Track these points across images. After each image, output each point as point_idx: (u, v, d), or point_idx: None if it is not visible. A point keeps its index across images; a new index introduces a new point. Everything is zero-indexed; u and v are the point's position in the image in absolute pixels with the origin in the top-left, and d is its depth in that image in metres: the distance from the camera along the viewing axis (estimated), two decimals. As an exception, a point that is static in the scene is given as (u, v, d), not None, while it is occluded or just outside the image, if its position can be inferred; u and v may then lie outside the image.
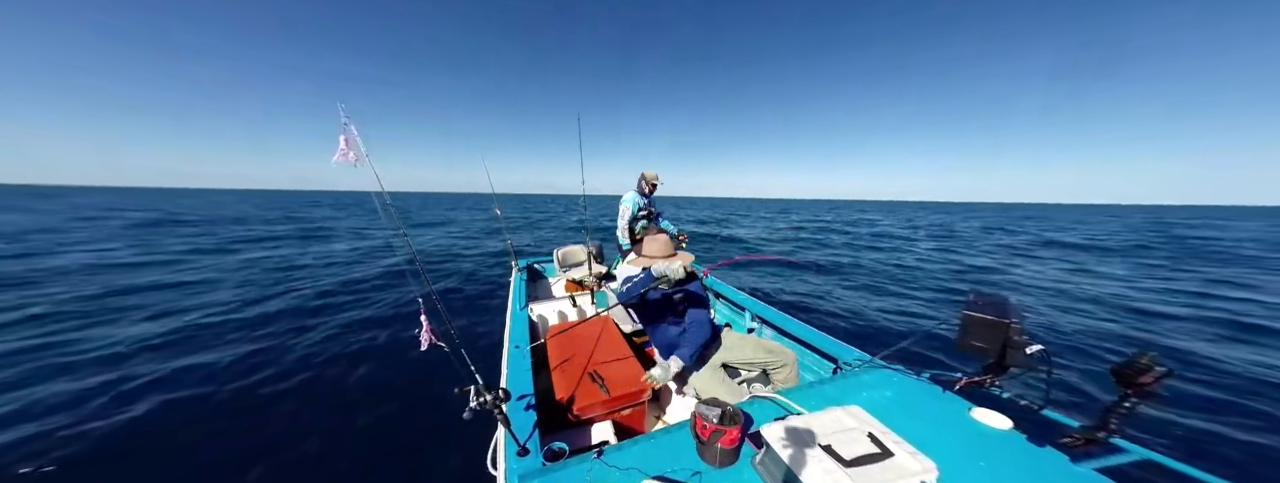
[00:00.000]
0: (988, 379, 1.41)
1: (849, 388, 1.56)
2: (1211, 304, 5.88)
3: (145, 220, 18.45)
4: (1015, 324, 1.26)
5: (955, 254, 11.16)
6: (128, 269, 8.13)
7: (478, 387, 1.22)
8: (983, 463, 1.15)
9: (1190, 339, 4.33)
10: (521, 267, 4.21)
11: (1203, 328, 4.78)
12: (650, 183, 3.75)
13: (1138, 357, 1.07)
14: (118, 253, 9.83)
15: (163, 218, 20.00)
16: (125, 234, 13.38)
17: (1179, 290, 6.82)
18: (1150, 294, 6.55)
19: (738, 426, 1.17)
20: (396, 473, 2.66)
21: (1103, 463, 1.12)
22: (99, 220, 17.74)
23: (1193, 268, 9.06)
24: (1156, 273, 8.53)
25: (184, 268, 8.49)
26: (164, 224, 17.10)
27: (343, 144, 1.25)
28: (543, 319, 3.14)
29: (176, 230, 14.74)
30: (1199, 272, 8.60)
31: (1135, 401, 1.08)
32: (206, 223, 17.96)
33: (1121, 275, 8.21)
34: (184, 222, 18.20)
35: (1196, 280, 7.63)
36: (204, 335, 4.93)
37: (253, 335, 5.03)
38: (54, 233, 12.94)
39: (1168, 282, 7.53)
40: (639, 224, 3.80)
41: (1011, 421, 1.30)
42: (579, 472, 1.18)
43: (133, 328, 5.03)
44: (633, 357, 2.09)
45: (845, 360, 1.95)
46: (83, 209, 24.65)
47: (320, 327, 5.60)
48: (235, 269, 8.46)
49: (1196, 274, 8.31)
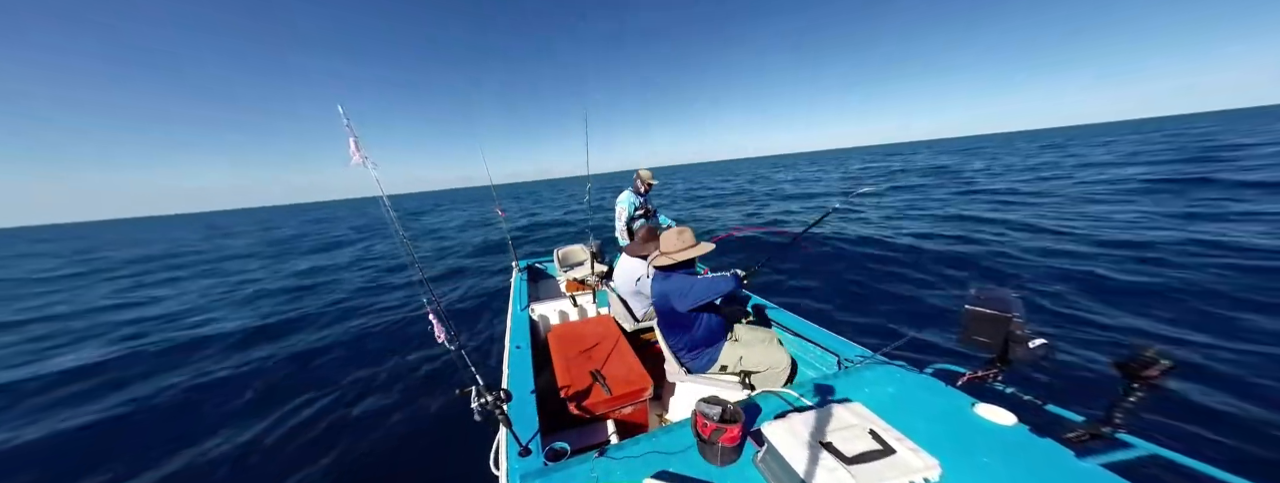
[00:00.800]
0: (991, 374, 1.40)
1: (851, 384, 1.56)
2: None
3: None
4: (1017, 319, 1.25)
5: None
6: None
7: (479, 387, 1.23)
8: (985, 459, 1.14)
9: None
10: (522, 267, 4.21)
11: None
12: (646, 182, 3.78)
13: (1142, 350, 1.06)
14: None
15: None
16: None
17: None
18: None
19: (739, 423, 1.16)
20: (397, 474, 2.67)
21: (1108, 458, 1.11)
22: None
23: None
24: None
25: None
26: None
27: (352, 145, 1.25)
28: (544, 319, 3.14)
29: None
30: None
31: (1140, 394, 1.07)
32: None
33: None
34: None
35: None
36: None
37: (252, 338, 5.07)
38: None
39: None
40: (636, 223, 3.82)
41: (1015, 416, 1.29)
42: (581, 471, 1.18)
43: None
44: (634, 356, 2.08)
45: (847, 357, 1.94)
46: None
47: (321, 326, 5.63)
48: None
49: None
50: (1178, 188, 9.49)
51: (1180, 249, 5.22)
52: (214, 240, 21.52)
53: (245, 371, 4.32)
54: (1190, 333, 3.34)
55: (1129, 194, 9.42)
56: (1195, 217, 6.83)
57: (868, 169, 28.64)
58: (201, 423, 3.37)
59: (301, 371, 4.29)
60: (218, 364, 4.54)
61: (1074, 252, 5.64)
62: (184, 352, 4.98)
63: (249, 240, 19.63)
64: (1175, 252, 5.15)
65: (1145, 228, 6.43)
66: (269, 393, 3.81)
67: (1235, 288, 3.99)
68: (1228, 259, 4.73)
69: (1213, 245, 5.21)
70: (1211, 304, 3.76)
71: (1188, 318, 3.59)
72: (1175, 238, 5.68)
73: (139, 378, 4.32)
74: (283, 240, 18.38)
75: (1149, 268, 4.78)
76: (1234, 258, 4.75)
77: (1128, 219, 7.10)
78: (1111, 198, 9.21)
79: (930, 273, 5.50)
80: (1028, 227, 7.30)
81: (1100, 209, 8.11)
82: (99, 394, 3.99)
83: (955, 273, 5.39)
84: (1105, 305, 3.95)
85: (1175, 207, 7.70)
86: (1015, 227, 7.40)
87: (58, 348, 5.51)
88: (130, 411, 3.66)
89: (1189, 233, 5.88)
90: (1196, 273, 4.45)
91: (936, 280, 5.20)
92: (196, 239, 23.52)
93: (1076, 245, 5.88)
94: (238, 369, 4.35)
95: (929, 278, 5.32)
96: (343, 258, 11.47)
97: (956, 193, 12.46)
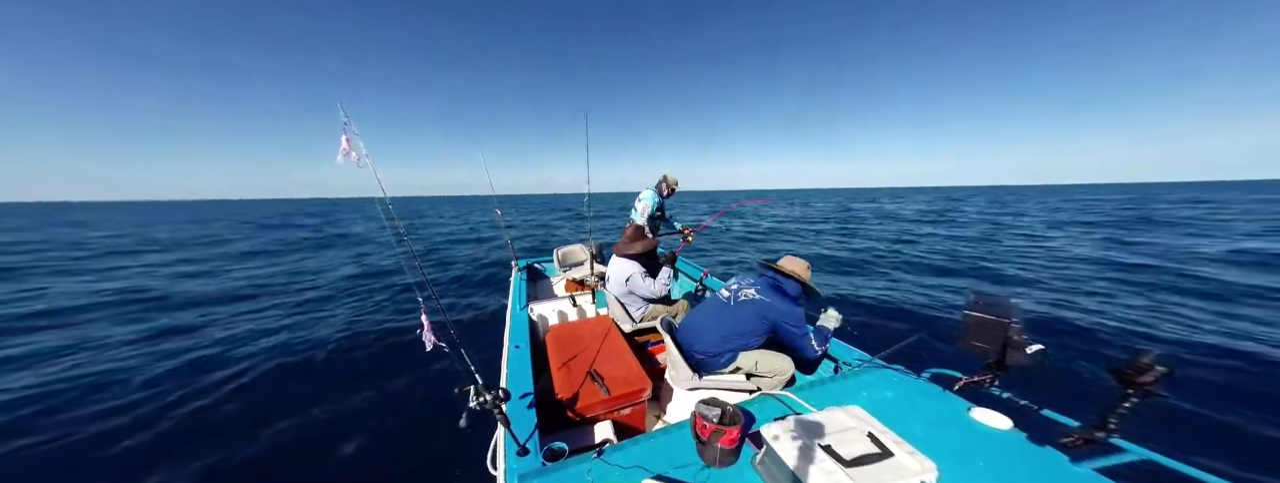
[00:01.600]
0: (988, 379, 1.41)
1: (849, 388, 1.56)
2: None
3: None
4: (1015, 324, 1.27)
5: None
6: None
7: (477, 387, 1.22)
8: (982, 463, 1.15)
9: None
10: (521, 267, 4.21)
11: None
12: (670, 186, 3.84)
13: (1138, 356, 1.07)
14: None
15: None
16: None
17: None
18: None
19: (737, 425, 1.17)
20: (396, 474, 2.66)
21: (1102, 463, 1.12)
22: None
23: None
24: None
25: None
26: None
27: (344, 143, 1.25)
28: (543, 319, 3.14)
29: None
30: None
31: (1135, 400, 1.08)
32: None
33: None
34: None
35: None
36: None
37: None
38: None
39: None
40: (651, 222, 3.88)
41: (1011, 420, 1.30)
42: (579, 472, 1.18)
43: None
44: (633, 357, 2.09)
45: (845, 360, 1.95)
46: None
47: (323, 327, 5.61)
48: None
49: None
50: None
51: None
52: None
53: (240, 366, 4.30)
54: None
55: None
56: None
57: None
58: (191, 424, 3.35)
59: (298, 368, 4.27)
60: (212, 364, 4.51)
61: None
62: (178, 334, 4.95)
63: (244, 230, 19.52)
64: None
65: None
66: (266, 391, 3.79)
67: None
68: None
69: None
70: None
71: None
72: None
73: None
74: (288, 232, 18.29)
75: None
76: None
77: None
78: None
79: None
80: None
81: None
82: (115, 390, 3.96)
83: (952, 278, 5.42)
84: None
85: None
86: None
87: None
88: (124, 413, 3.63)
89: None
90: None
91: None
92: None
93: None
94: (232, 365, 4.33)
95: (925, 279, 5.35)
96: (340, 258, 11.43)
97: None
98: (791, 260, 1.98)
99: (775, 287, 1.92)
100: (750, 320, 1.87)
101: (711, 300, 2.08)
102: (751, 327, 1.87)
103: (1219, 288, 5.58)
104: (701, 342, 1.95)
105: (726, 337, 1.90)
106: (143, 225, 23.64)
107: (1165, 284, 5.88)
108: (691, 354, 1.99)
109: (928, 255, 8.68)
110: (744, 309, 1.89)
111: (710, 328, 1.94)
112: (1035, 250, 9.11)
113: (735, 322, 1.89)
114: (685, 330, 2.07)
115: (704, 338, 1.94)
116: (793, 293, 1.91)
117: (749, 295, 1.91)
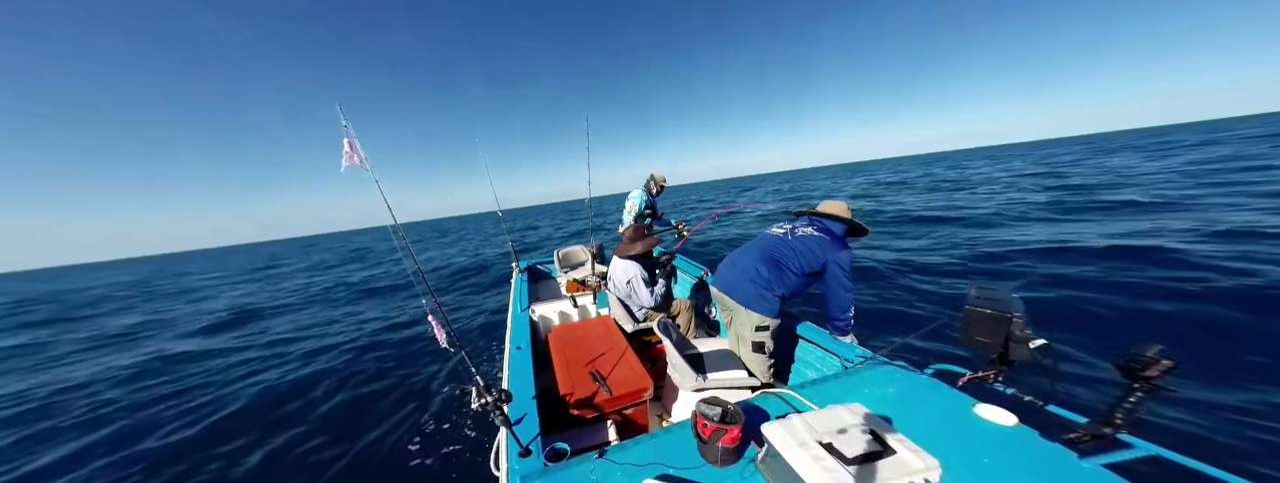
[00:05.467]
0: (991, 375, 1.39)
1: (851, 385, 1.55)
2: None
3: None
4: (1018, 318, 1.25)
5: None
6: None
7: (479, 388, 1.22)
8: (986, 460, 1.14)
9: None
10: (523, 268, 4.21)
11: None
12: (659, 184, 3.83)
13: (1144, 350, 1.06)
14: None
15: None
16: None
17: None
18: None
19: (739, 424, 1.16)
20: (398, 474, 2.67)
21: (1110, 459, 1.11)
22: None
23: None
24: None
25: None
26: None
27: (347, 148, 1.25)
28: (544, 320, 3.14)
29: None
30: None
31: (1142, 395, 1.07)
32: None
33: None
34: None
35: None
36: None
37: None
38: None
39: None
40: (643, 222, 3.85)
41: (1016, 417, 1.29)
42: (581, 472, 1.18)
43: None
44: (635, 356, 2.08)
45: (847, 357, 1.94)
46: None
47: (326, 331, 5.64)
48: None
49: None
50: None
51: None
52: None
53: (242, 371, 4.33)
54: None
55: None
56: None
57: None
58: (197, 429, 3.38)
59: (301, 372, 4.30)
60: (218, 373, 4.54)
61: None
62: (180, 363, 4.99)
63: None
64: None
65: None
66: (270, 394, 3.82)
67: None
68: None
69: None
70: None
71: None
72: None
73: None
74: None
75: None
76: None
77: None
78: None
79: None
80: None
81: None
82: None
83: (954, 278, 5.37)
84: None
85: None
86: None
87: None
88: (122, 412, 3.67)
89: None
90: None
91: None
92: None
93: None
94: (236, 370, 4.36)
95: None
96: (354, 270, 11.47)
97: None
98: (830, 204, 1.98)
99: (825, 230, 1.94)
100: (806, 255, 1.88)
101: (763, 237, 2.08)
102: (806, 261, 1.88)
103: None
104: (754, 274, 1.93)
105: (782, 269, 1.90)
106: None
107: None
108: (736, 287, 1.97)
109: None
110: (803, 242, 1.90)
111: (762, 262, 1.94)
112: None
113: (793, 255, 1.90)
114: (727, 268, 2.07)
115: (759, 271, 1.93)
116: (840, 233, 1.93)
117: (808, 232, 1.94)
